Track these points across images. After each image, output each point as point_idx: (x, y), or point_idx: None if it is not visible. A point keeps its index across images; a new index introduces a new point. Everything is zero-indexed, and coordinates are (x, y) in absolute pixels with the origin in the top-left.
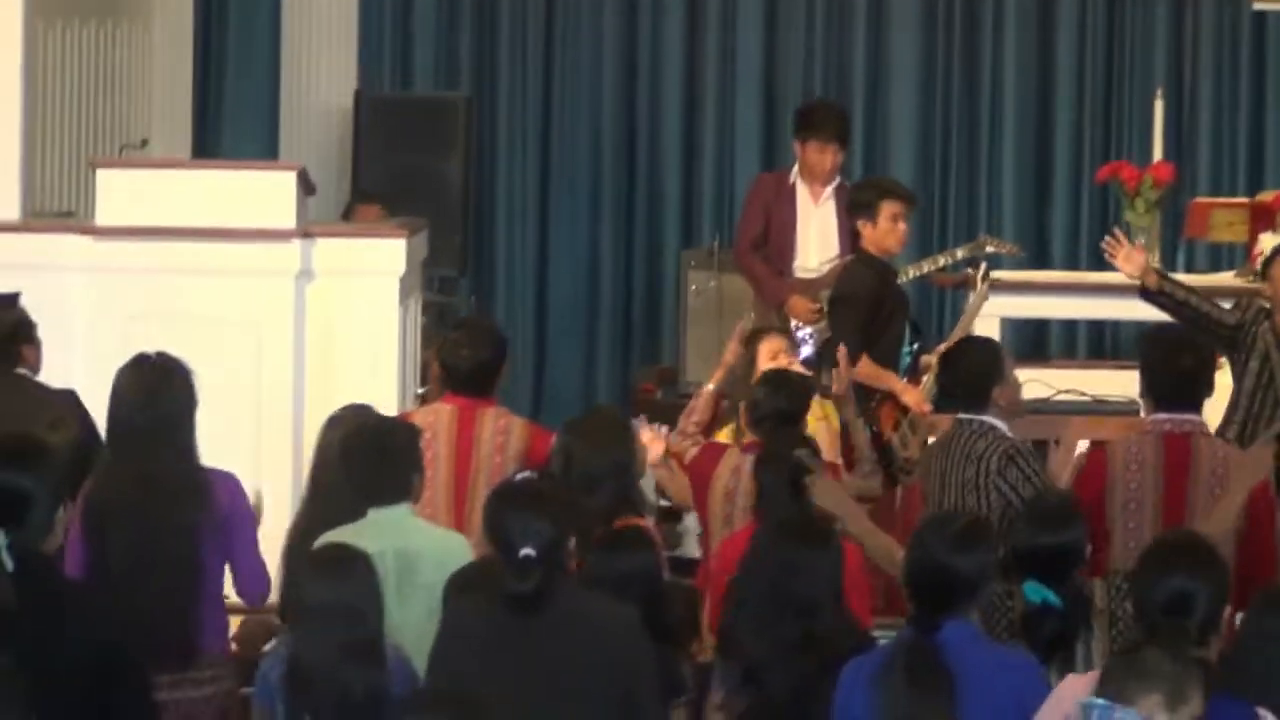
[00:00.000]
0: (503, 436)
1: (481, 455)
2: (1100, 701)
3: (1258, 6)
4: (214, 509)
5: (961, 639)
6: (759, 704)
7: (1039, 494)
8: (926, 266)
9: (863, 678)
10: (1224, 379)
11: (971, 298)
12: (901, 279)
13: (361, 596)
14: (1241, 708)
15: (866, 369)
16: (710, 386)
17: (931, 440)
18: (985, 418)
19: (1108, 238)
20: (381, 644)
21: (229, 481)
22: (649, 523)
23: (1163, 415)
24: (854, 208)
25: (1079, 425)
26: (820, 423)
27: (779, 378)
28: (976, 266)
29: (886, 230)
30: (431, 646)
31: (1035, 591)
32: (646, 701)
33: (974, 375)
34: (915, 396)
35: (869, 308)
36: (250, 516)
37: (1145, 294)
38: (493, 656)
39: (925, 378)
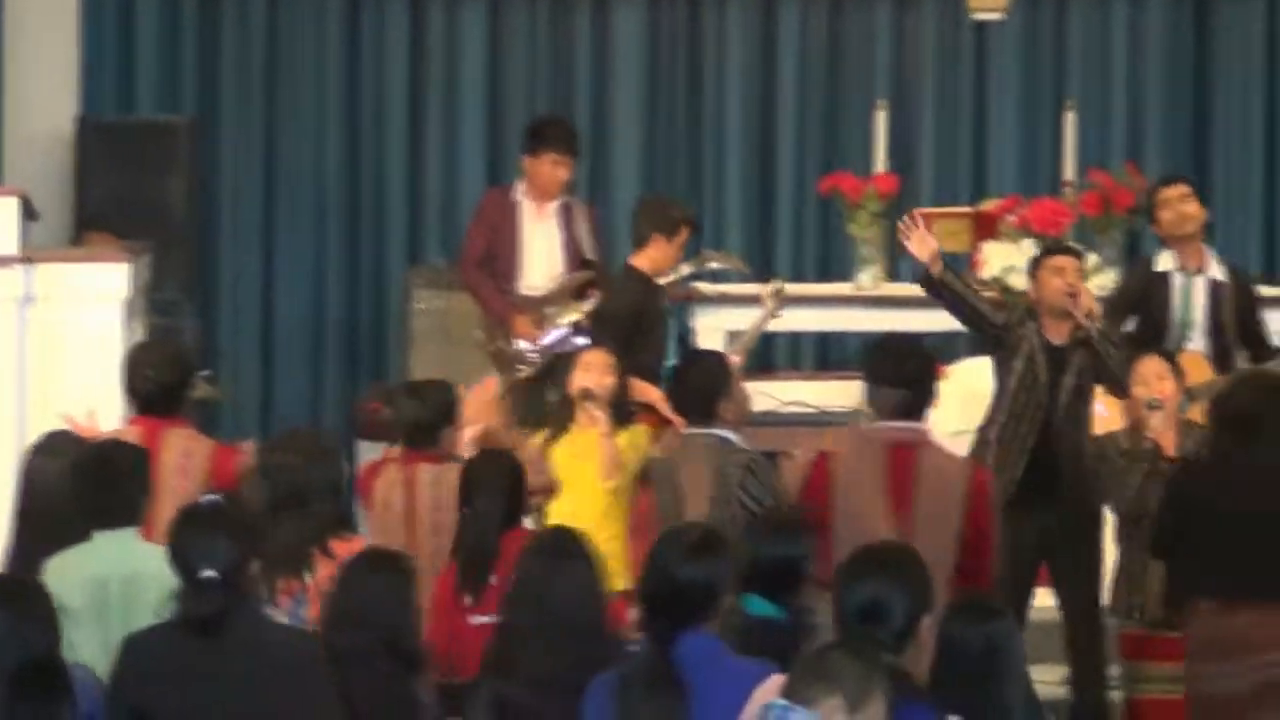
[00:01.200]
0: (186, 459)
1: (165, 477)
2: (780, 702)
3: (977, 16)
4: None
5: (699, 651)
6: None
7: (768, 507)
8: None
9: (606, 691)
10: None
11: (758, 315)
12: None
13: (34, 625)
14: (928, 715)
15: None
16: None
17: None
18: (716, 430)
19: (905, 218)
20: (60, 670)
21: None
22: (363, 541)
23: (886, 424)
24: (657, 223)
25: (814, 437)
26: (604, 439)
27: (417, 386)
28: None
29: (674, 254)
30: (110, 669)
31: (758, 605)
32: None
33: (701, 389)
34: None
35: (628, 323)
36: None
37: (927, 282)
38: (172, 679)
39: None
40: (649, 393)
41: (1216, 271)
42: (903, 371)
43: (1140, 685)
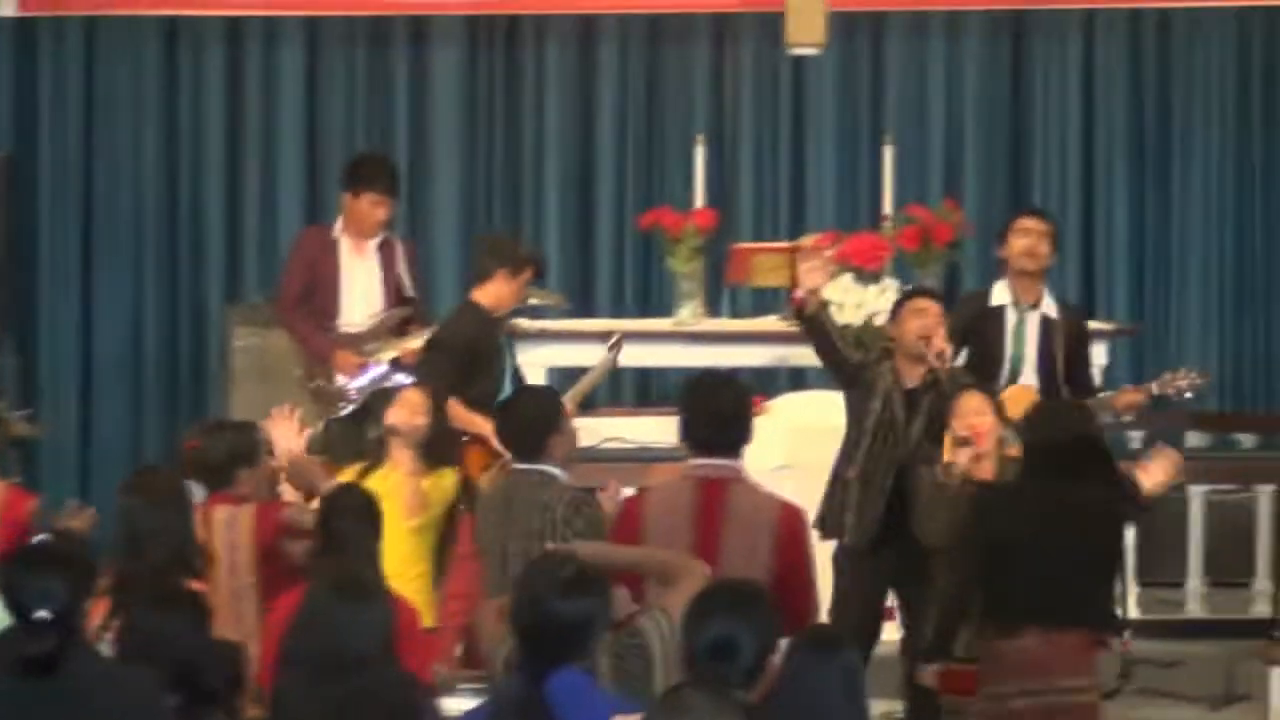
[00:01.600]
0: None
1: None
2: None
3: (795, 51)
4: None
5: (571, 687)
6: None
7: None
8: None
9: None
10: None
11: (598, 365)
12: None
13: None
14: None
15: (457, 412)
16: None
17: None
18: (543, 466)
19: (810, 239)
20: None
21: None
22: (203, 586)
23: (700, 461)
24: (503, 260)
25: (638, 473)
26: (410, 478)
27: (213, 427)
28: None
29: (516, 291)
30: None
31: None
32: None
33: (531, 424)
34: None
35: (463, 355)
36: None
37: (801, 315)
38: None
39: None
40: (482, 425)
41: (1050, 308)
42: (715, 408)
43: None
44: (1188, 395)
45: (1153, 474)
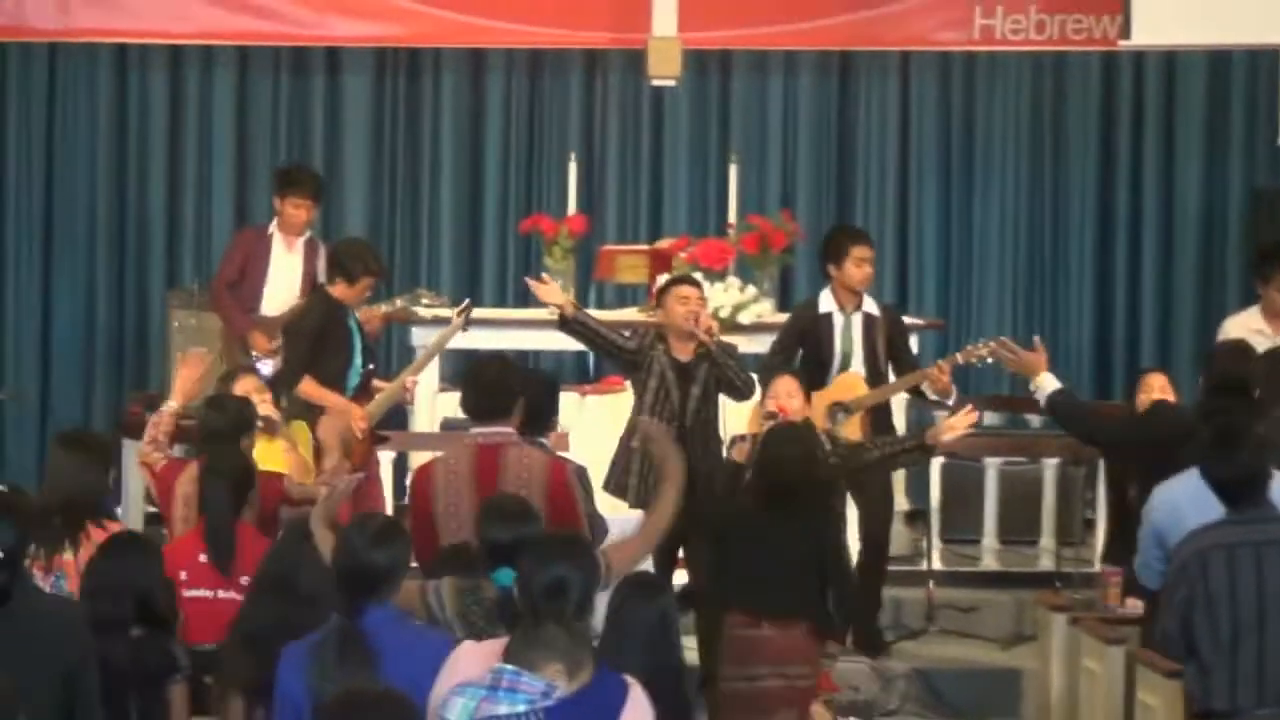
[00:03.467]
0: None
1: None
2: (509, 668)
3: (655, 82)
4: None
5: (383, 622)
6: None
7: (495, 496)
8: (384, 308)
9: (296, 661)
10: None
11: (448, 327)
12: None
13: None
14: (616, 678)
15: (309, 388)
16: (173, 405)
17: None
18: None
19: (529, 279)
20: None
21: None
22: (118, 526)
23: (478, 429)
24: (345, 268)
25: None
26: (290, 451)
27: (219, 401)
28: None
29: (355, 295)
30: None
31: (504, 576)
32: (87, 682)
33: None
34: (358, 412)
35: (312, 338)
36: None
37: (563, 323)
38: None
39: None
40: (333, 399)
41: (870, 307)
42: (483, 381)
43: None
44: (989, 361)
45: (954, 427)
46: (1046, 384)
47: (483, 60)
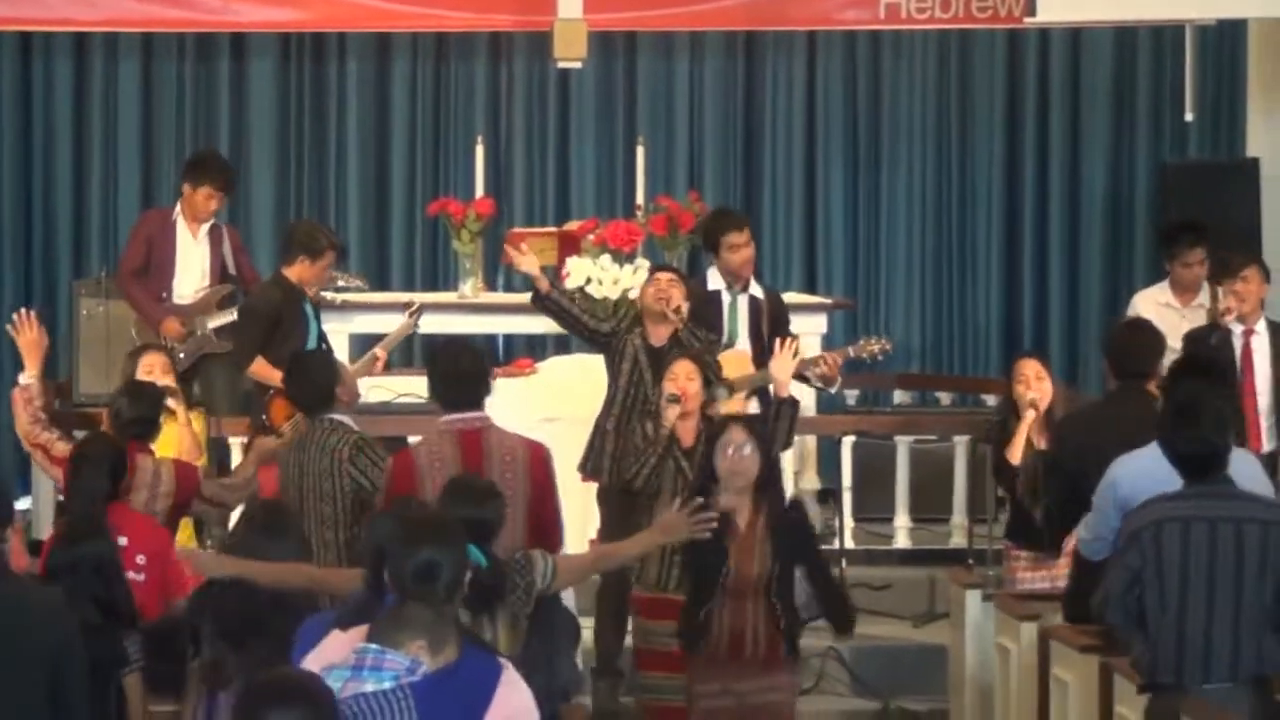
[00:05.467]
0: None
1: None
2: (373, 646)
3: (560, 64)
4: None
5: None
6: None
7: (460, 476)
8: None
9: (322, 630)
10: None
11: (399, 325)
12: None
13: None
14: (488, 657)
15: (260, 368)
16: (32, 374)
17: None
18: (334, 415)
19: (509, 248)
20: None
21: None
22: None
23: (453, 416)
24: (305, 245)
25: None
26: (184, 428)
27: (136, 389)
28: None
29: (318, 272)
30: None
31: (473, 554)
32: (73, 666)
33: (320, 382)
34: None
35: (267, 320)
36: None
37: (537, 298)
38: None
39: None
40: (278, 378)
41: (755, 289)
42: (459, 370)
43: (652, 695)
44: (879, 358)
45: (784, 368)
46: None
47: (388, 44)
